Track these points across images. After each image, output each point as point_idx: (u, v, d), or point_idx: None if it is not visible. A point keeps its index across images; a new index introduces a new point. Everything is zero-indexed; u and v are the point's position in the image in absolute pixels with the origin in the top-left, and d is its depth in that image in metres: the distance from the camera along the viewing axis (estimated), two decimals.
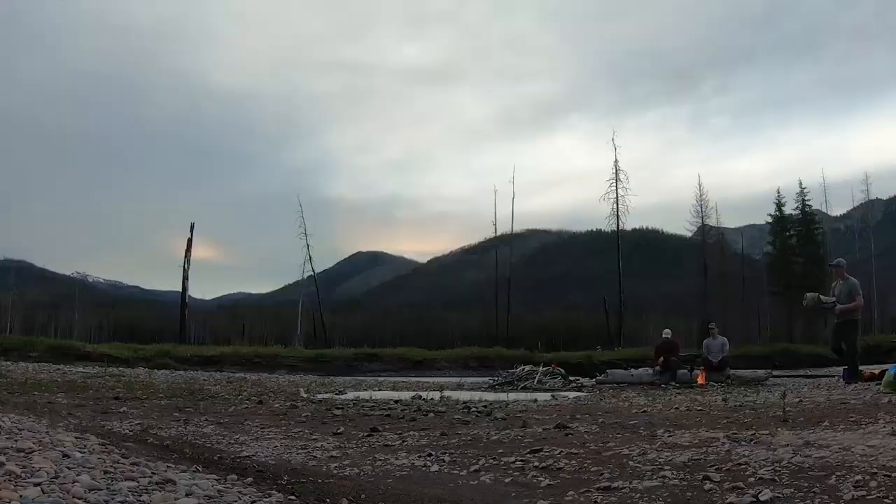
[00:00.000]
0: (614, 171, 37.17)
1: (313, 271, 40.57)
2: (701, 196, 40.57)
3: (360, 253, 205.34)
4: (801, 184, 41.69)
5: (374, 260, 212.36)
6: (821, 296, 11.16)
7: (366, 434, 6.07)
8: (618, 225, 37.02)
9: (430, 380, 19.00)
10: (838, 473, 3.46)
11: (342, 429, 6.49)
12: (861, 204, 43.83)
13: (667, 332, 15.02)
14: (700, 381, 13.54)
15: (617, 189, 36.95)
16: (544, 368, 15.57)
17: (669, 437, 5.29)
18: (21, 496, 2.55)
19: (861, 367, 11.22)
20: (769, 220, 42.84)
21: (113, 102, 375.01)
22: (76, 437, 4.47)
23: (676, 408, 8.00)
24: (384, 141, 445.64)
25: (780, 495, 3.15)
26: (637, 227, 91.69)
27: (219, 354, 28.98)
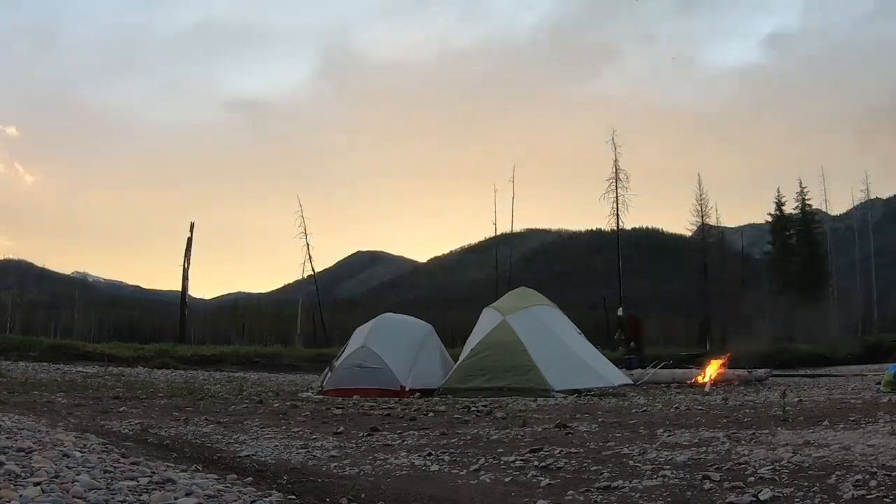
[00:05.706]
0: (614, 170, 37.16)
1: (313, 271, 40.52)
2: (701, 195, 40.55)
3: (359, 253, 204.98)
4: (801, 183, 41.72)
5: (373, 260, 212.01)
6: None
7: (366, 434, 6.07)
8: (618, 224, 37.00)
9: None
10: (838, 473, 3.47)
11: (342, 428, 6.49)
12: (861, 203, 43.85)
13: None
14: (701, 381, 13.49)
15: (617, 188, 36.95)
16: None
17: (669, 436, 5.30)
18: (21, 496, 2.55)
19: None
20: (769, 219, 42.83)
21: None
22: (76, 437, 4.48)
23: (676, 407, 8.01)
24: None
25: (780, 494, 3.16)
26: (637, 227, 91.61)
27: (219, 354, 28.92)
